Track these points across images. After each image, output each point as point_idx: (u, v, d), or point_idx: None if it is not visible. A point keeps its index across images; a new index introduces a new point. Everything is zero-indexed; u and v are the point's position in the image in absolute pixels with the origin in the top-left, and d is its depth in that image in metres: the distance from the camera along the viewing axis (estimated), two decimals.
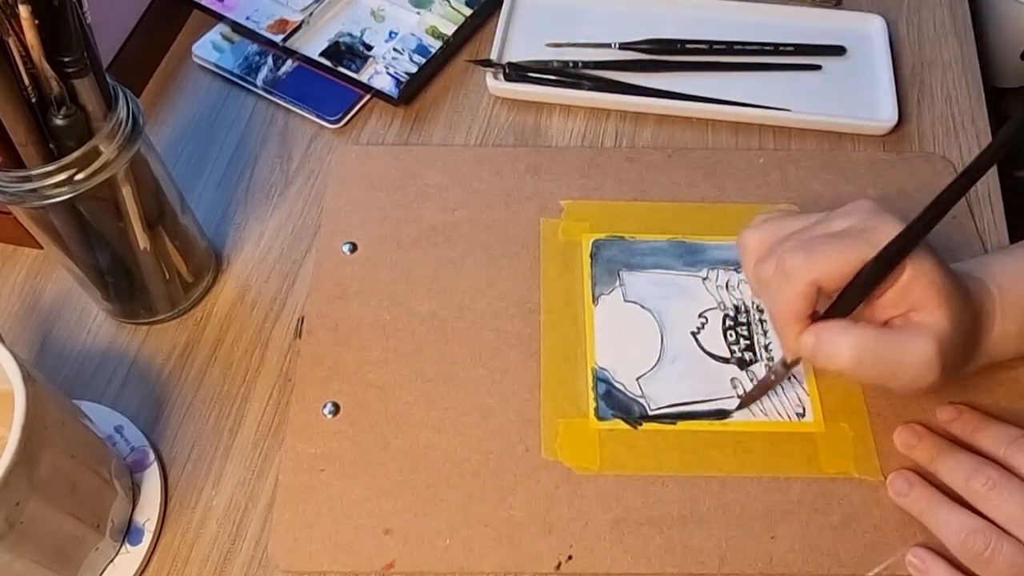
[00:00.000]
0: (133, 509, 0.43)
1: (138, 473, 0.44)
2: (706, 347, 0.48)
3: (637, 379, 0.47)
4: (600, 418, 0.46)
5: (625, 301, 0.50)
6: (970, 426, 0.43)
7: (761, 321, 0.49)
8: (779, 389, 0.47)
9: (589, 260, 0.51)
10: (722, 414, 0.46)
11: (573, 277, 0.50)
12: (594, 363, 0.47)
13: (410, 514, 0.43)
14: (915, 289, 0.38)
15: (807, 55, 0.60)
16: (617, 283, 0.50)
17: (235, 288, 0.52)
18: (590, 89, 0.59)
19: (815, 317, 0.40)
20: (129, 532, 0.43)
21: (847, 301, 0.39)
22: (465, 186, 0.54)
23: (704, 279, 0.50)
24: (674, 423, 0.46)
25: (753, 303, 0.50)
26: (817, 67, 0.60)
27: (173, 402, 0.47)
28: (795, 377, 0.47)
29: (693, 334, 0.48)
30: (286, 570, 0.42)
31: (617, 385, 0.47)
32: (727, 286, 0.50)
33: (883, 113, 0.57)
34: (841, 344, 0.38)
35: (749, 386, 0.47)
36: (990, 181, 0.55)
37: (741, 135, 0.58)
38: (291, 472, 0.44)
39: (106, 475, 0.41)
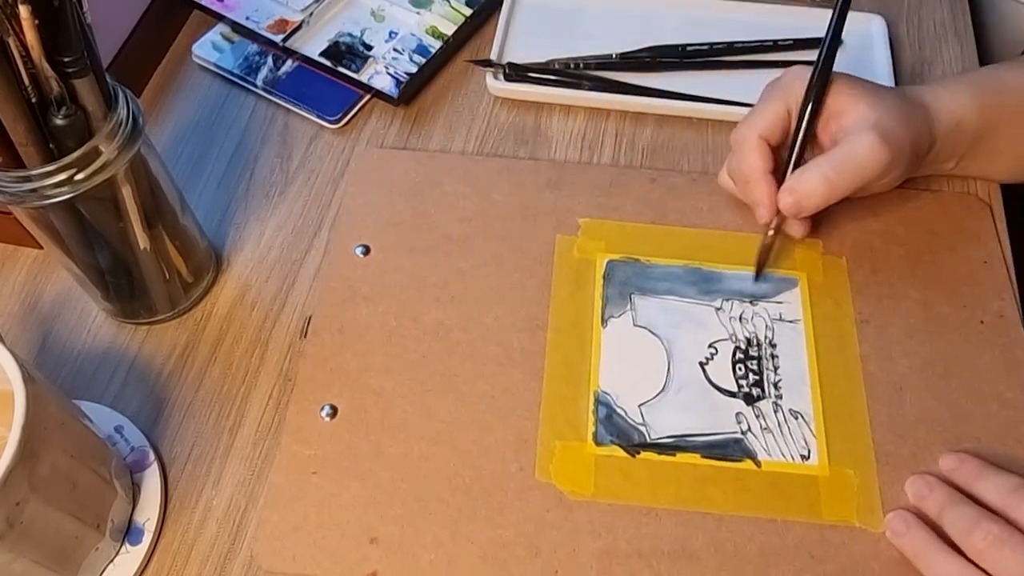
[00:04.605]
0: (133, 509, 0.43)
1: (138, 473, 0.44)
2: (713, 379, 0.47)
3: (639, 406, 0.46)
4: (598, 443, 0.45)
5: (634, 325, 0.48)
6: (971, 475, 0.42)
7: (772, 356, 0.47)
8: (785, 430, 0.45)
9: (602, 280, 0.50)
10: (723, 449, 0.45)
11: (584, 297, 0.49)
12: (597, 386, 0.46)
13: (397, 525, 0.43)
14: (837, 103, 0.47)
15: (806, 49, 0.60)
16: (628, 306, 0.49)
17: (235, 288, 0.52)
18: (590, 89, 0.59)
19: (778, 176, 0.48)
20: (129, 532, 0.43)
21: (798, 147, 0.47)
22: (484, 196, 0.54)
23: (718, 309, 0.49)
24: (673, 455, 0.44)
25: (766, 338, 0.48)
26: None
27: (173, 402, 0.47)
28: (803, 418, 0.45)
29: (701, 364, 0.47)
30: (268, 571, 0.42)
31: (618, 410, 0.46)
32: (740, 318, 0.49)
33: None
34: (809, 182, 0.46)
35: (754, 422, 0.45)
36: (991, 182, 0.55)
37: None
38: (283, 472, 0.44)
39: (106, 475, 0.41)
